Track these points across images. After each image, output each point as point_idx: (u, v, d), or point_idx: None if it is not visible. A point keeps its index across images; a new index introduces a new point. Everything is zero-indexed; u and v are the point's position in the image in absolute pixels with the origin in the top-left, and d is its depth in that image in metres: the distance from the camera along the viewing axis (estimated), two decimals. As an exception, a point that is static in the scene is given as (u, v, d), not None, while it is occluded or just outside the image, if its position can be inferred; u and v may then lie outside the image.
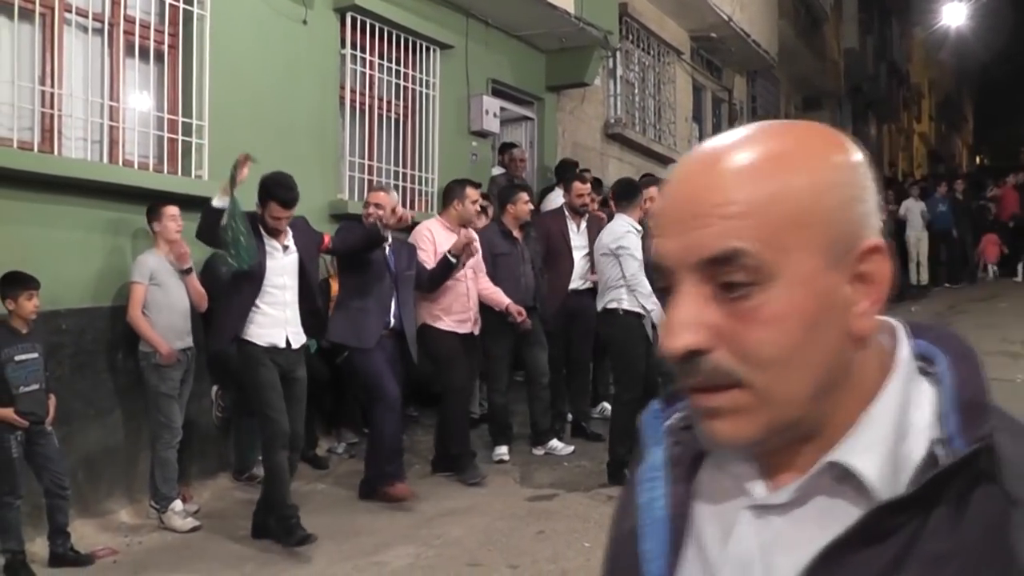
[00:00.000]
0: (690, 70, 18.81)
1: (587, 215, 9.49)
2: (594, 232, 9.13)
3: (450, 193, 8.24)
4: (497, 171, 11.78)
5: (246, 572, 5.97)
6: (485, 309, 8.25)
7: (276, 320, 6.54)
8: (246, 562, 6.18)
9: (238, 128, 8.22)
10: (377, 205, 7.37)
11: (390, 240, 7.47)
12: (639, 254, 7.70)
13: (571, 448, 8.66)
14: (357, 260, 7.36)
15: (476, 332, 8.18)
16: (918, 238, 19.31)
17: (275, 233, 6.60)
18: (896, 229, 18.78)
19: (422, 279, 7.70)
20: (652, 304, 7.64)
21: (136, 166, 7.45)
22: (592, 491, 7.44)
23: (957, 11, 32.63)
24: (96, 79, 7.38)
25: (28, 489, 6.18)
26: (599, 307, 8.03)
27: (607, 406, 9.74)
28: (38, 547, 6.30)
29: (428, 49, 10.87)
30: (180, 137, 7.80)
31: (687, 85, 18.72)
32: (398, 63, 10.48)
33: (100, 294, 7.17)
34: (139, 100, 7.74)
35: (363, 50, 9.97)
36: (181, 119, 7.82)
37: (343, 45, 9.69)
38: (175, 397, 7.01)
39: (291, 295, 6.66)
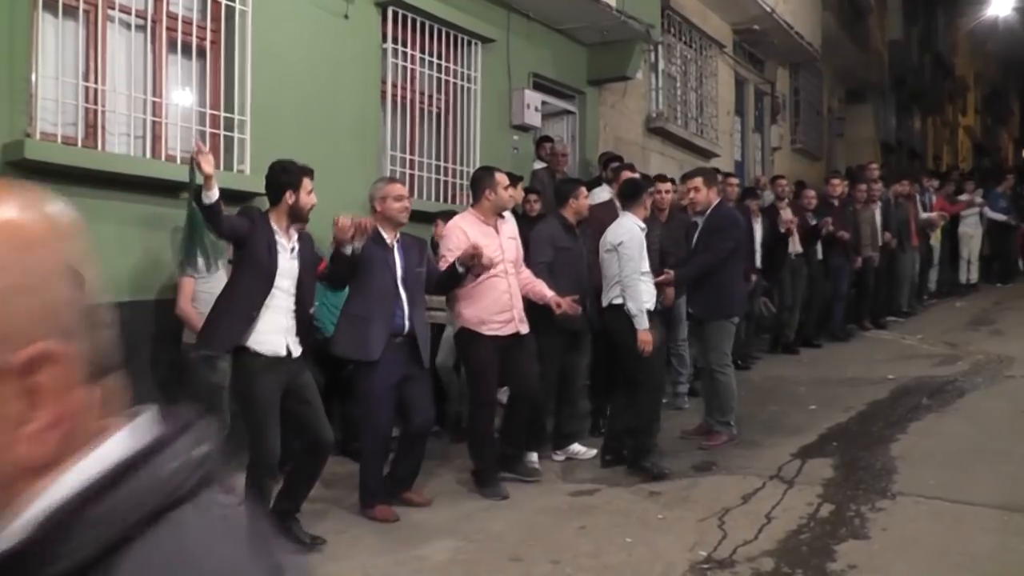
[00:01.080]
0: (732, 63, 18.73)
1: None
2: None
3: (479, 183, 7.73)
4: (538, 165, 11.75)
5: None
6: (534, 308, 7.80)
7: (278, 326, 6.02)
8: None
9: (280, 123, 8.26)
10: (399, 196, 6.96)
11: (398, 237, 7.01)
12: (638, 253, 7.72)
13: (593, 452, 8.31)
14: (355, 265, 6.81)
15: (523, 331, 7.62)
16: (971, 235, 18.79)
17: (298, 219, 6.19)
18: (950, 225, 18.46)
19: (431, 281, 7.24)
20: (637, 309, 7.63)
21: (179, 161, 7.48)
22: (634, 486, 7.40)
23: (1004, 1, 32.24)
24: (139, 75, 7.43)
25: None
26: (604, 303, 7.97)
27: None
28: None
29: (469, 43, 10.88)
30: (222, 132, 7.85)
31: (729, 78, 18.65)
32: (439, 57, 10.49)
33: (143, 287, 7.22)
34: (181, 96, 7.80)
35: (404, 44, 9.99)
36: (223, 114, 7.86)
37: (384, 39, 9.72)
38: (224, 388, 7.05)
39: (291, 302, 6.12)
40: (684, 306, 9.84)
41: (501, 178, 7.66)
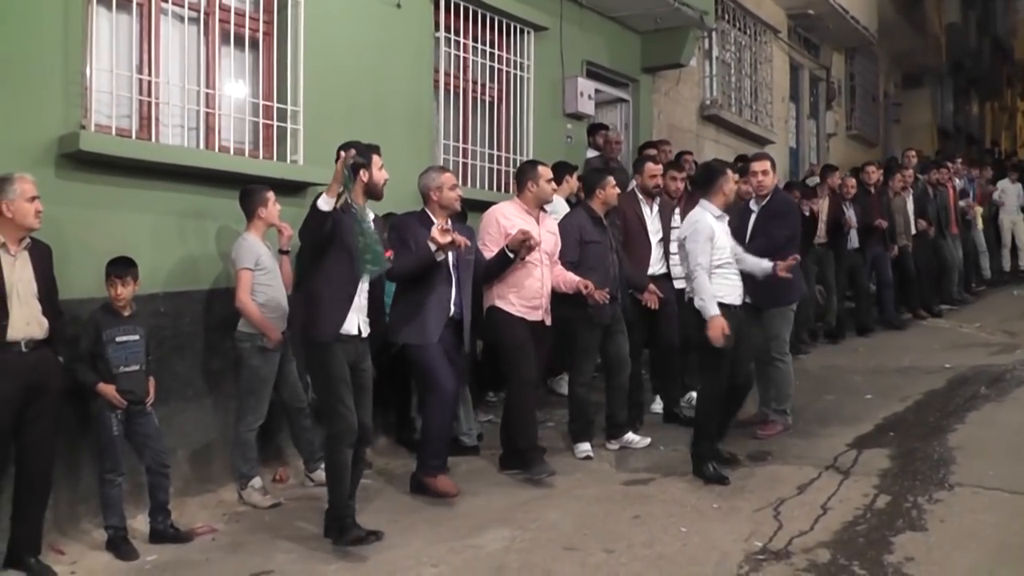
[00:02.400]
0: (787, 49, 18.63)
1: (659, 198, 9.12)
2: (666, 216, 9.01)
3: (523, 175, 7.84)
4: (591, 154, 11.72)
5: (345, 551, 6.00)
6: (568, 304, 7.79)
7: (353, 305, 6.11)
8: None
9: (333, 113, 8.27)
10: (453, 185, 7.13)
11: (449, 224, 7.04)
12: (703, 246, 7.21)
13: (648, 440, 8.32)
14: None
15: (548, 322, 7.75)
16: (1013, 222, 18.31)
17: (373, 195, 6.25)
18: (991, 213, 18.17)
19: (479, 270, 7.35)
20: (699, 300, 7.20)
21: (232, 152, 7.53)
22: (689, 475, 7.36)
23: (1064, -17, 31.85)
24: (192, 67, 7.46)
25: (129, 467, 6.35)
26: (686, 297, 7.57)
27: (694, 395, 9.25)
28: (139, 523, 6.46)
29: (522, 31, 10.86)
30: (275, 123, 7.87)
31: (784, 64, 18.54)
32: (492, 46, 10.48)
33: (197, 277, 7.26)
34: (235, 87, 7.82)
35: (457, 33, 9.99)
36: (276, 105, 7.88)
37: (437, 28, 9.72)
38: (270, 381, 7.10)
39: (367, 282, 6.23)
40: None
41: (544, 171, 7.75)
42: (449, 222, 7.08)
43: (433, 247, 6.68)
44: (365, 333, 6.24)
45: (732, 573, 5.45)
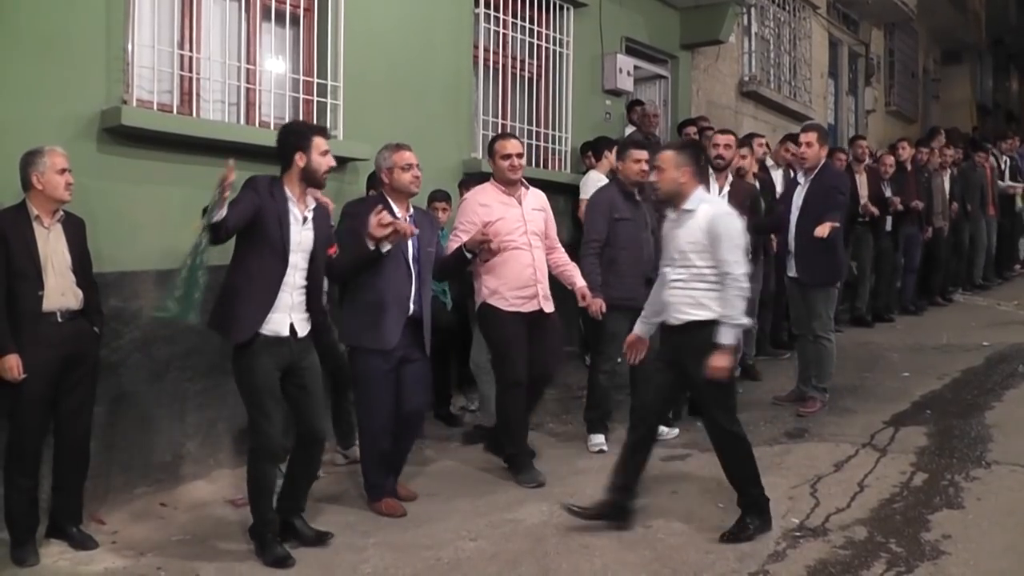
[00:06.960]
0: (826, 24, 18.50)
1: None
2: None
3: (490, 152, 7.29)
4: (631, 129, 11.70)
5: (382, 524, 6.07)
6: (600, 278, 7.48)
7: (283, 304, 5.58)
8: (381, 515, 6.28)
9: (373, 89, 8.29)
10: (408, 165, 6.34)
11: (411, 211, 6.44)
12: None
13: (675, 431, 7.95)
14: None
15: (548, 309, 7.12)
16: None
17: (313, 183, 5.73)
18: None
19: (436, 265, 6.62)
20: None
21: (272, 127, 7.52)
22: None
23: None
24: (233, 42, 7.48)
25: (172, 438, 6.50)
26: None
27: None
28: (180, 494, 6.56)
29: (562, 7, 10.84)
30: (315, 98, 7.89)
31: (823, 40, 18.42)
32: (532, 22, 10.47)
33: (239, 253, 7.27)
34: (275, 63, 7.85)
35: (497, 9, 9.99)
36: (316, 81, 7.90)
37: (477, 4, 9.72)
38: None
39: (301, 277, 5.67)
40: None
41: (500, 145, 7.17)
42: (411, 208, 6.51)
43: (371, 244, 5.94)
44: (303, 332, 5.71)
45: (769, 550, 5.46)
